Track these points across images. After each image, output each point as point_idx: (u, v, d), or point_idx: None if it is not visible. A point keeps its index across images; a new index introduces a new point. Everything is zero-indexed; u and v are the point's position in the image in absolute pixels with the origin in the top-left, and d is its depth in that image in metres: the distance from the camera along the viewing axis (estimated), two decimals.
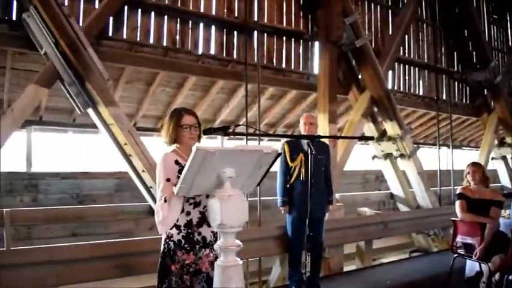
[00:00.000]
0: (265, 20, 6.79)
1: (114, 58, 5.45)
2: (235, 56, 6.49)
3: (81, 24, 5.11)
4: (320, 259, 4.88)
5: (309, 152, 3.04)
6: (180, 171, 2.55)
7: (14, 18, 4.88)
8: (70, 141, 7.37)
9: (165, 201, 2.48)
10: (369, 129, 7.64)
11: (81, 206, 5.70)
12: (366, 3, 8.21)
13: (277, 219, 5.47)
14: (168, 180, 2.53)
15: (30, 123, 6.08)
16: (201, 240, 2.62)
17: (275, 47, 6.92)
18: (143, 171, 4.96)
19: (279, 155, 2.51)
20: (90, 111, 4.98)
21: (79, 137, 7.29)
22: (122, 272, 4.12)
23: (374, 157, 8.01)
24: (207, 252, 2.63)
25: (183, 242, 2.58)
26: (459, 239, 4.62)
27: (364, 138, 7.96)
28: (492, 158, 10.72)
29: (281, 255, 5.52)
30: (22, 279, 3.66)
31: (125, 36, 5.60)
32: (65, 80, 4.79)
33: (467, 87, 10.45)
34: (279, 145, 5.05)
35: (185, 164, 2.54)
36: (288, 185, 4.59)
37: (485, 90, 10.34)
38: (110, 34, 5.50)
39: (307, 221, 4.60)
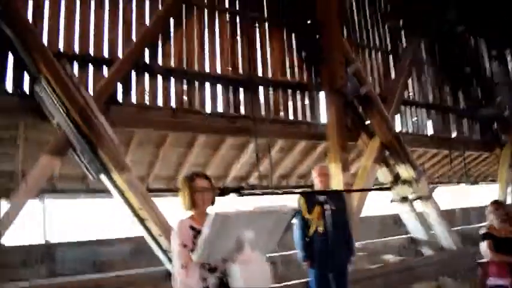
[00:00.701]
0: (270, 75, 6.94)
1: (123, 122, 5.54)
2: (242, 112, 6.58)
3: (90, 92, 5.22)
4: None
5: (330, 207, 2.99)
6: (195, 237, 2.51)
7: (26, 90, 5.00)
8: (84, 207, 7.36)
9: (182, 267, 2.43)
10: (382, 174, 7.56)
11: (99, 275, 5.57)
12: (367, 50, 8.39)
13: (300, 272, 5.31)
14: (184, 246, 2.49)
15: (44, 191, 6.09)
16: None
17: (281, 100, 7.03)
18: (160, 235, 4.90)
19: (296, 213, 2.47)
20: (102, 177, 5.00)
21: (93, 202, 7.29)
22: None
23: (392, 200, 7.88)
24: None
25: None
26: (491, 281, 4.45)
27: (380, 189, 7.86)
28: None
29: None
30: None
31: (134, 101, 5.73)
32: (77, 148, 4.85)
33: (477, 123, 10.43)
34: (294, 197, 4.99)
35: (199, 229, 2.53)
36: (307, 238, 4.48)
37: (495, 125, 10.31)
38: (119, 99, 5.62)
39: (330, 276, 4.52)
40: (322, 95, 7.31)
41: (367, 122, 7.50)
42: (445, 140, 8.99)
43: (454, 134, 9.70)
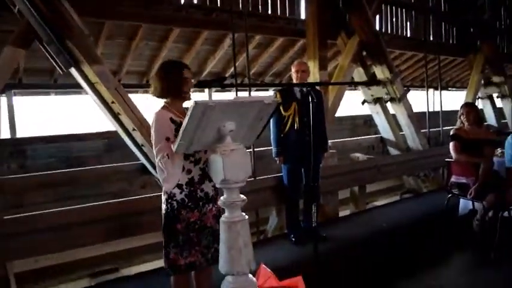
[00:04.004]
0: None
1: (92, 13, 5.14)
2: (219, 4, 6.22)
3: None
4: (317, 206, 4.91)
5: (310, 100, 2.95)
6: (176, 130, 2.46)
7: None
8: (53, 103, 7.15)
9: (168, 157, 2.41)
10: (358, 74, 7.52)
11: (72, 169, 5.57)
12: None
13: (271, 169, 5.46)
14: (167, 139, 2.44)
15: (10, 87, 5.82)
16: (204, 197, 2.58)
17: None
18: (134, 129, 4.82)
19: (279, 105, 2.42)
20: (72, 70, 4.74)
21: (62, 99, 7.08)
22: (124, 232, 4.10)
23: (364, 102, 7.96)
24: (210, 207, 2.61)
25: (186, 200, 2.53)
26: (453, 179, 4.68)
27: (357, 83, 7.86)
28: (478, 98, 10.77)
29: (278, 205, 5.56)
30: (19, 248, 3.61)
31: None
32: (43, 39, 4.50)
33: (454, 28, 10.31)
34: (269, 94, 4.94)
35: (179, 121, 2.47)
36: (282, 135, 4.52)
37: (472, 29, 10.22)
38: None
39: (302, 170, 4.64)
40: None
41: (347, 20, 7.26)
42: (422, 43, 8.90)
43: (431, 38, 9.60)
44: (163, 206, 2.57)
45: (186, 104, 2.61)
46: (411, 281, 3.70)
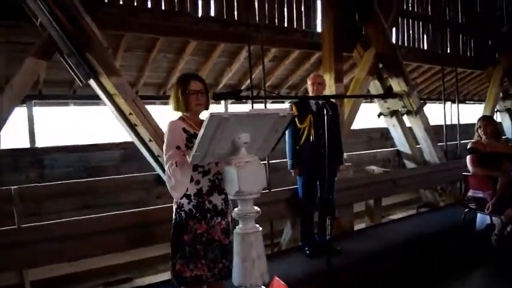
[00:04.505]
0: None
1: (111, 25, 5.26)
2: (236, 17, 6.29)
3: None
4: (332, 219, 4.87)
5: (325, 112, 2.96)
6: (187, 139, 2.51)
7: None
8: (72, 114, 7.28)
9: (177, 165, 2.43)
10: (374, 86, 7.51)
11: (90, 179, 5.64)
12: None
13: (286, 181, 5.45)
14: (177, 148, 2.47)
15: (30, 98, 5.96)
16: (212, 209, 2.58)
17: (276, 5, 6.71)
18: (150, 140, 4.88)
19: (294, 117, 2.44)
20: (91, 82, 4.84)
21: (81, 110, 7.19)
22: (139, 242, 4.13)
23: (380, 114, 7.92)
24: (218, 220, 2.60)
25: (194, 211, 2.54)
26: (471, 193, 4.61)
27: (374, 96, 7.84)
28: (497, 111, 10.62)
29: (292, 217, 5.53)
30: (36, 256, 3.65)
31: (121, 2, 5.41)
32: (63, 51, 4.62)
33: (472, 40, 10.22)
34: (285, 107, 4.95)
35: (193, 132, 2.51)
36: (297, 147, 4.52)
37: (490, 42, 10.12)
38: (106, 0, 5.30)
39: (318, 182, 4.62)
40: (318, 2, 6.99)
41: (363, 32, 7.27)
42: (439, 55, 8.85)
43: (448, 50, 9.53)
44: (173, 216, 2.60)
45: (203, 116, 2.64)
46: None
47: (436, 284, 3.87)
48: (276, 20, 6.73)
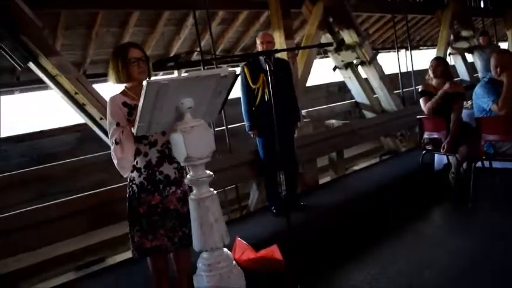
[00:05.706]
0: None
1: (44, 3, 4.94)
2: None
3: None
4: (296, 176, 4.93)
5: (267, 68, 2.90)
6: (129, 113, 2.43)
7: None
8: (19, 102, 6.97)
9: (116, 143, 2.37)
10: (326, 40, 7.47)
11: (45, 165, 5.46)
12: None
13: (248, 144, 5.44)
14: (117, 124, 2.40)
15: None
16: (164, 179, 2.53)
17: None
18: (101, 118, 4.73)
19: (237, 76, 2.38)
20: (31, 65, 4.59)
21: (28, 96, 6.90)
22: (105, 222, 4.07)
23: (335, 68, 7.95)
24: (173, 190, 2.55)
25: (145, 183, 2.50)
26: (426, 135, 4.72)
27: (322, 45, 7.78)
28: (449, 54, 10.84)
29: (257, 179, 5.56)
30: None
31: None
32: None
33: None
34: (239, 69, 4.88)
35: (133, 104, 2.42)
36: (253, 108, 4.48)
37: None
38: None
39: (277, 141, 4.62)
40: None
41: None
42: (389, 3, 8.87)
43: None
44: (127, 190, 2.55)
45: None
46: (393, 237, 3.78)
47: (398, 223, 4.00)
48: None
